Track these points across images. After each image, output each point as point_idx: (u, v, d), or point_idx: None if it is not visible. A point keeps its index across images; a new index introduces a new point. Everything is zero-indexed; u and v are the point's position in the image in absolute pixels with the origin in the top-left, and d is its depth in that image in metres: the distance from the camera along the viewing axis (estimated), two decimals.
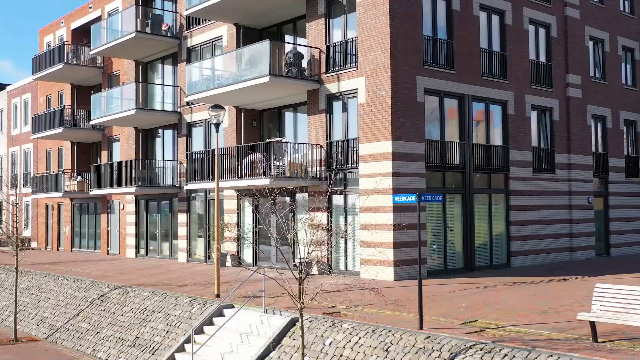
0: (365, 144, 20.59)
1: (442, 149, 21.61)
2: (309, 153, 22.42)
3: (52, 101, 39.77)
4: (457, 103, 22.21)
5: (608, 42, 28.53)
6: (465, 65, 22.26)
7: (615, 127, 28.66)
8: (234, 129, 25.91)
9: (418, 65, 20.77)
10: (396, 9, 20.24)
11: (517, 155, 23.90)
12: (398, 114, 20.08)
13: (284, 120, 25.48)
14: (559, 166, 25.61)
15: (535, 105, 24.85)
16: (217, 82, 23.99)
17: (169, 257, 29.74)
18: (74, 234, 37.46)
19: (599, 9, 28.16)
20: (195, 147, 28.44)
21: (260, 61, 22.21)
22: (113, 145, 34.53)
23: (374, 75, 20.45)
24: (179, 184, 28.73)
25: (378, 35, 20.33)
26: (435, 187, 21.34)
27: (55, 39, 39.88)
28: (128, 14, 29.17)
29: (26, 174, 43.26)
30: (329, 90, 22.01)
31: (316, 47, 22.44)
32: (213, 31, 27.13)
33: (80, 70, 34.86)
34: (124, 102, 29.72)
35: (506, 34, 23.86)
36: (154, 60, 31.32)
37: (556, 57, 25.84)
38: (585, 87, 27.01)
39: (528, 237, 24.05)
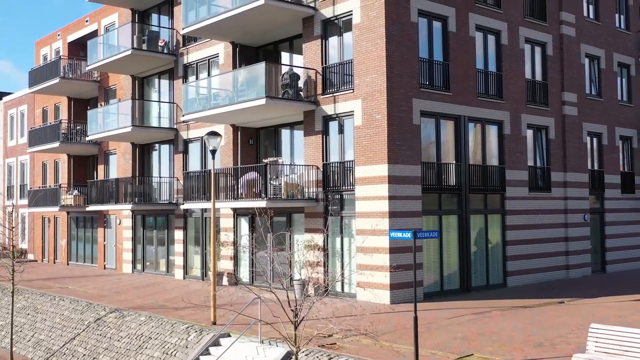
0: (362, 167, 20.62)
1: (438, 170, 21.65)
2: (305, 174, 22.44)
3: (49, 113, 39.74)
4: (453, 124, 22.24)
5: (604, 59, 28.60)
6: (461, 86, 22.30)
7: (611, 144, 28.73)
8: (231, 147, 25.91)
9: (414, 87, 20.81)
10: (392, 32, 20.28)
11: (513, 174, 23.94)
12: (394, 137, 20.11)
13: (281, 138, 25.49)
14: (554, 184, 25.67)
15: (531, 124, 24.91)
16: (213, 102, 24.01)
17: (165, 273, 29.73)
18: (70, 247, 37.41)
19: (595, 26, 28.23)
20: (192, 164, 28.44)
21: (257, 82, 22.23)
22: (110, 159, 34.51)
23: (370, 98, 20.49)
24: (176, 200, 28.73)
25: (374, 58, 20.36)
26: (431, 209, 21.39)
27: (51, 51, 39.85)
28: (124, 30, 29.16)
29: (23, 185, 43.20)
30: (325, 112, 22.04)
31: (312, 68, 22.47)
32: (210, 49, 27.13)
33: (77, 84, 34.84)
34: (121, 117, 29.72)
35: (502, 53, 23.91)
36: (150, 76, 31.31)
37: (552, 75, 25.90)
38: (581, 104, 27.08)
39: (524, 257, 24.10)
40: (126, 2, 31.09)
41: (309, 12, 22.46)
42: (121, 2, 31.26)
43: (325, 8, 22.13)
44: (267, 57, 26.10)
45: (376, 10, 20.33)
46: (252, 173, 23.96)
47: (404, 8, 20.66)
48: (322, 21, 22.28)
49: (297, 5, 22.39)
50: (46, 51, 40.52)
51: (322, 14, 22.21)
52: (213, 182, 18.35)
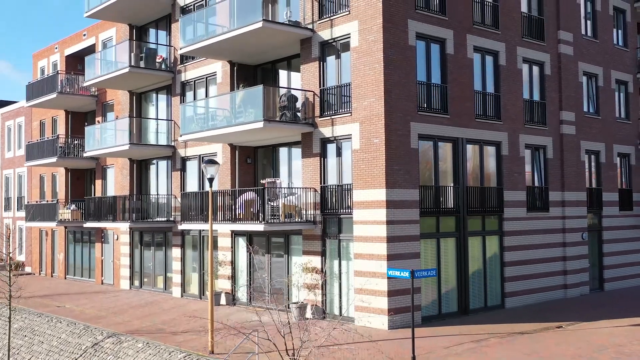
0: (360, 191, 20.59)
1: (436, 193, 21.63)
2: (303, 195, 22.40)
3: (46, 126, 39.68)
4: (451, 147, 22.23)
5: (602, 77, 28.61)
6: (460, 108, 22.29)
7: (609, 161, 28.72)
8: (228, 166, 25.87)
9: (412, 111, 20.79)
10: (390, 56, 20.26)
11: (511, 195, 23.93)
12: (392, 162, 20.09)
13: (279, 157, 25.45)
14: (552, 204, 25.65)
15: (529, 144, 24.90)
16: (211, 123, 23.98)
17: (163, 290, 29.66)
18: (68, 261, 37.34)
19: (593, 44, 28.23)
20: (190, 181, 28.40)
21: (255, 103, 22.18)
22: (107, 174, 34.46)
23: (368, 122, 20.46)
24: (173, 218, 28.67)
25: (372, 82, 20.34)
26: (429, 232, 21.36)
27: (49, 63, 39.79)
28: (122, 47, 29.12)
29: (20, 197, 43.12)
30: (323, 134, 22.01)
31: (310, 90, 22.45)
32: (207, 67, 27.08)
33: (75, 99, 34.81)
34: (118, 134, 29.65)
35: (500, 74, 23.90)
36: (148, 91, 31.26)
37: (550, 94, 25.89)
38: (579, 122, 27.08)
39: (522, 277, 24.09)
40: (124, 18, 31.06)
41: (306, 34, 22.45)
42: (119, 18, 31.23)
43: (322, 30, 22.10)
44: (265, 75, 26.11)
45: (374, 34, 20.32)
46: (250, 193, 23.96)
47: (402, 32, 20.65)
48: (320, 43, 22.26)
49: (295, 28, 22.39)
50: (44, 64, 40.46)
51: (320, 36, 22.19)
52: (211, 208, 18.29)
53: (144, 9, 29.80)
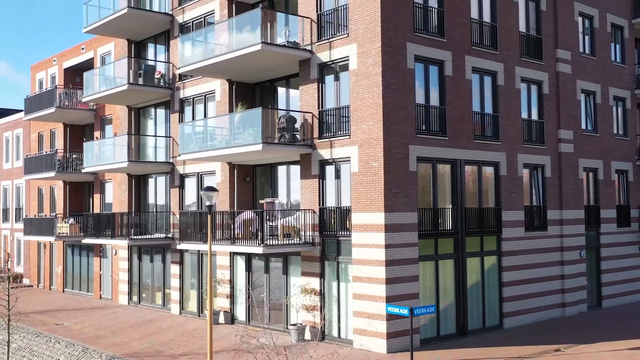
0: (358, 214, 20.62)
1: (434, 215, 21.66)
2: (302, 217, 22.42)
3: (45, 138, 39.66)
4: (449, 168, 22.27)
5: (600, 94, 28.67)
6: (458, 130, 22.33)
7: (607, 178, 28.79)
8: (227, 185, 25.89)
9: (411, 134, 20.82)
10: (389, 80, 20.30)
11: (509, 215, 23.97)
12: (391, 186, 20.12)
13: (277, 176, 25.44)
14: (550, 223, 25.70)
15: (527, 163, 24.94)
16: (209, 143, 24.00)
17: (161, 307, 29.66)
18: (66, 274, 37.32)
19: (591, 61, 28.30)
20: (188, 197, 28.43)
21: (253, 123, 22.20)
22: (106, 188, 34.46)
23: (366, 145, 20.49)
24: (172, 235, 28.67)
25: (371, 106, 20.37)
26: (428, 255, 21.40)
27: (47, 76, 39.78)
28: (121, 64, 29.13)
29: (19, 209, 43.09)
30: (322, 156, 22.04)
31: (309, 111, 22.47)
32: (206, 84, 27.10)
33: (73, 113, 34.81)
34: (117, 149, 29.66)
35: (498, 95, 23.94)
36: (147, 107, 31.28)
37: (548, 113, 25.95)
38: (577, 140, 27.14)
39: (520, 297, 24.12)
40: (122, 33, 31.09)
41: (305, 56, 22.49)
42: (117, 34, 31.27)
43: (321, 52, 22.14)
44: (263, 93, 26.14)
45: (373, 57, 20.35)
46: (249, 212, 23.98)
47: (401, 55, 20.68)
48: (319, 65, 22.29)
49: (294, 50, 22.43)
50: (42, 76, 40.45)
51: (319, 58, 22.22)
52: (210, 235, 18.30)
53: (142, 26, 29.83)
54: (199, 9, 27.64)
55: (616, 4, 29.98)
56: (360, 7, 20.78)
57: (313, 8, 22.48)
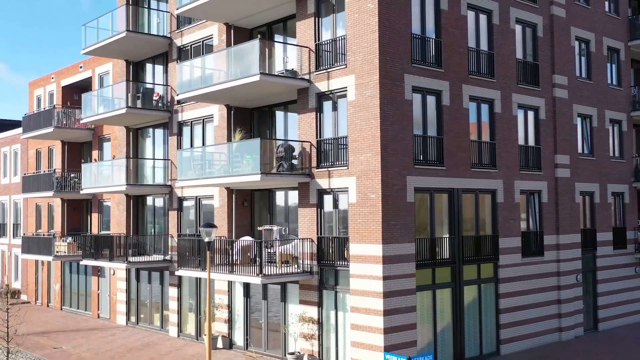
0: (356, 244, 20.71)
1: (431, 245, 21.76)
2: (300, 245, 22.52)
3: (42, 155, 39.69)
4: (447, 197, 22.38)
5: (596, 117, 28.83)
6: (455, 159, 22.44)
7: (603, 201, 28.94)
8: (225, 210, 25.97)
9: (408, 165, 20.93)
10: (387, 112, 20.40)
11: (506, 242, 24.09)
12: (388, 218, 20.22)
13: (275, 201, 25.53)
14: (547, 248, 25.83)
15: (524, 190, 25.07)
16: (208, 170, 24.07)
17: (159, 328, 29.72)
18: (64, 292, 37.35)
19: (587, 85, 28.48)
20: (186, 221, 28.50)
21: (252, 150, 22.32)
22: (103, 208, 34.52)
23: (364, 176, 20.59)
24: (170, 257, 28.74)
25: (368, 137, 20.47)
26: (425, 284, 21.49)
27: (45, 93, 39.84)
28: (119, 87, 29.20)
29: (16, 224, 43.10)
30: (320, 185, 22.14)
31: (307, 140, 22.57)
32: (204, 109, 27.20)
33: (71, 132, 34.85)
34: (115, 170, 29.72)
35: (495, 122, 24.07)
36: (145, 127, 31.36)
37: (545, 139, 26.08)
38: (574, 164, 27.28)
39: (517, 324, 24.25)
40: (121, 54, 31.18)
41: (303, 85, 22.59)
42: (116, 55, 31.34)
43: (319, 82, 22.24)
44: (261, 118, 26.25)
45: (371, 89, 20.46)
46: (247, 238, 24.09)
47: (399, 86, 20.80)
48: (317, 94, 22.40)
49: (292, 79, 22.52)
50: (40, 92, 40.50)
51: (317, 87, 22.32)
52: (208, 270, 18.37)
53: (141, 48, 29.92)
54: (198, 33, 27.73)
55: (612, 28, 30.15)
56: (358, 39, 20.89)
57: (311, 38, 22.59)
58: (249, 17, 25.36)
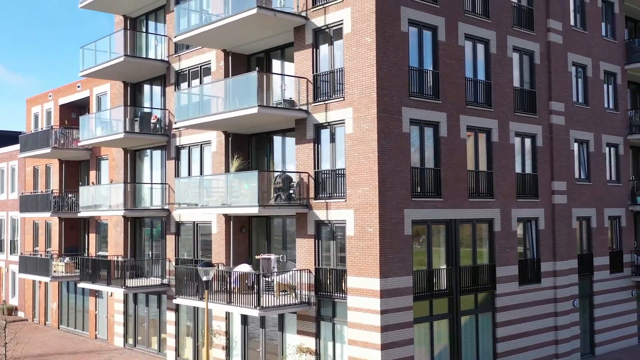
0: (354, 277, 20.75)
1: (429, 277, 21.81)
2: (298, 276, 22.55)
3: (40, 173, 39.68)
4: (444, 228, 22.44)
5: (593, 142, 28.95)
6: (453, 190, 22.50)
7: (599, 225, 29.03)
8: (223, 236, 25.98)
9: (406, 198, 20.98)
10: (384, 145, 20.45)
11: (503, 271, 24.15)
12: (386, 251, 20.27)
13: (273, 227, 25.56)
14: (544, 275, 25.91)
15: (521, 217, 25.14)
16: (205, 199, 24.11)
17: (157, 352, 29.74)
18: (61, 311, 37.34)
19: (584, 110, 28.58)
20: (184, 245, 28.52)
21: (249, 179, 22.37)
22: (101, 228, 34.52)
23: (362, 210, 20.64)
24: (167, 281, 28.76)
25: (366, 171, 20.52)
26: (423, 317, 21.55)
27: (42, 111, 39.83)
28: (117, 112, 29.23)
29: (13, 241, 43.06)
30: (318, 217, 22.18)
31: (305, 171, 22.62)
32: (202, 134, 27.23)
33: (69, 151, 34.85)
34: (112, 193, 29.74)
35: (493, 151, 24.14)
36: (143, 149, 31.38)
37: (542, 165, 26.16)
38: (571, 190, 27.38)
39: (514, 352, 24.31)
40: (119, 77, 31.20)
41: (301, 115, 22.63)
42: (114, 77, 31.35)
43: (317, 113, 22.28)
44: (259, 144, 26.26)
45: (369, 123, 20.51)
46: (245, 266, 24.14)
47: (396, 119, 20.85)
48: (315, 125, 22.44)
49: (290, 111, 22.58)
50: (37, 110, 40.49)
51: (315, 119, 22.37)
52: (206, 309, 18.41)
53: (138, 71, 29.95)
54: (196, 58, 27.77)
55: (609, 52, 30.26)
56: (356, 72, 20.94)
57: (309, 69, 22.63)
58: (247, 45, 25.41)
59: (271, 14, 22.13)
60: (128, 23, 31.71)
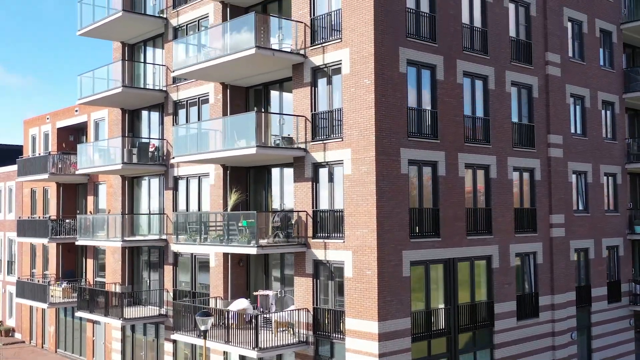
0: (352, 319, 20.72)
1: (427, 317, 21.78)
2: (296, 316, 22.51)
3: (37, 195, 39.62)
4: (442, 268, 22.42)
5: (591, 173, 28.97)
6: (451, 229, 22.47)
7: (597, 256, 29.04)
8: (221, 270, 25.92)
9: (404, 240, 20.95)
10: (383, 188, 20.43)
11: (501, 307, 24.13)
12: (384, 294, 20.24)
13: (271, 262, 25.51)
14: (542, 309, 25.89)
15: (519, 252, 25.14)
16: (203, 236, 24.07)
17: None
18: (58, 335, 37.27)
19: (582, 142, 28.61)
20: (182, 277, 28.47)
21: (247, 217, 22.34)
22: (99, 254, 34.47)
23: (360, 252, 20.62)
24: (165, 312, 28.70)
25: (364, 213, 20.49)
26: (421, 357, 21.51)
27: (40, 133, 39.78)
28: (115, 141, 29.19)
29: (10, 262, 42.97)
30: (316, 256, 22.15)
31: (303, 210, 22.58)
32: (200, 167, 27.18)
33: (66, 177, 34.81)
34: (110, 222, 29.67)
35: (491, 187, 24.11)
36: (141, 176, 31.32)
37: (540, 199, 26.15)
38: (569, 223, 27.37)
39: None
40: (116, 104, 31.15)
41: (299, 154, 22.61)
42: (111, 104, 31.31)
43: (316, 152, 22.25)
44: (257, 177, 26.22)
45: (367, 165, 20.48)
46: (243, 302, 24.10)
47: (395, 161, 20.83)
48: (313, 164, 22.42)
49: (288, 150, 22.56)
50: (35, 132, 40.43)
51: (313, 157, 22.35)
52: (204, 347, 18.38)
53: (136, 99, 29.93)
54: (194, 89, 27.72)
55: (607, 81, 30.30)
56: (354, 114, 20.92)
57: (307, 107, 22.60)
58: (246, 78, 25.40)
59: (270, 53, 22.14)
60: (126, 49, 31.66)
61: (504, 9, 25.01)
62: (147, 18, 29.09)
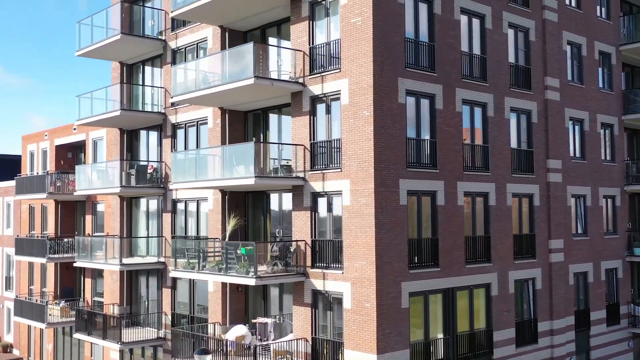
0: (351, 351, 20.67)
1: (426, 348, 21.74)
2: (295, 345, 22.46)
3: (36, 212, 39.53)
4: (441, 297, 22.38)
5: (590, 196, 28.95)
6: (450, 258, 22.42)
7: (596, 279, 29.02)
8: (219, 295, 25.88)
9: (403, 271, 20.91)
10: (382, 219, 20.38)
11: (500, 335, 24.10)
12: (383, 327, 20.20)
13: (270, 288, 25.48)
14: (541, 334, 25.85)
15: (518, 279, 25.10)
16: (202, 264, 24.02)
17: None
18: (57, 352, 37.18)
19: (581, 165, 28.59)
20: (180, 297, 28.42)
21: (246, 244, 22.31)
22: (97, 274, 34.39)
23: (359, 284, 20.57)
24: (164, 335, 28.64)
25: (363, 245, 20.44)
26: None
27: (38, 149, 39.72)
28: (113, 164, 29.15)
29: (8, 277, 42.88)
30: (315, 286, 22.10)
31: (302, 240, 22.52)
32: (199, 191, 27.13)
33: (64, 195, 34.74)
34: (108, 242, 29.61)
35: (490, 214, 24.06)
36: (139, 197, 31.28)
37: (539, 224, 26.12)
38: (568, 247, 27.34)
39: None
40: (115, 125, 31.10)
41: (298, 183, 22.57)
42: (110, 125, 31.25)
43: (314, 181, 22.21)
44: (256, 201, 26.16)
45: (366, 197, 20.44)
46: (241, 328, 24.05)
47: (394, 192, 20.78)
48: (312, 193, 22.36)
49: (287, 179, 22.54)
50: (33, 148, 40.38)
51: (312, 187, 22.30)
52: None
53: (135, 120, 29.88)
54: (192, 113, 27.70)
55: (606, 103, 30.28)
56: (353, 145, 20.88)
57: (306, 136, 22.56)
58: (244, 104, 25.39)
59: (268, 83, 22.10)
60: (125, 69, 31.62)
61: (503, 35, 24.97)
62: (145, 40, 29.06)
